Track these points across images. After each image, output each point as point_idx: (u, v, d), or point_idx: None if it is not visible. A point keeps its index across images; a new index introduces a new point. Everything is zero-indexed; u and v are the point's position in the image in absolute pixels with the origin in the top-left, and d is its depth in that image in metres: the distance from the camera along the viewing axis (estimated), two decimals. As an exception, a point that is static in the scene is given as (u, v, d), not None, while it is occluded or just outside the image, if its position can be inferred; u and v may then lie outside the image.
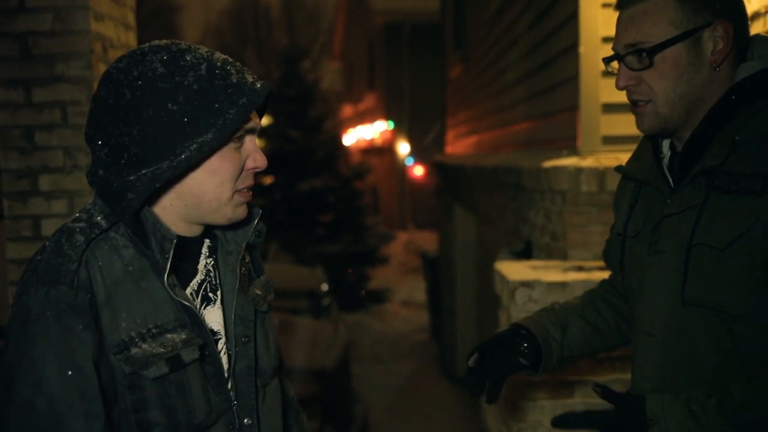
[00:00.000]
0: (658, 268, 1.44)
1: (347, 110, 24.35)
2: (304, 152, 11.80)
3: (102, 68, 2.89)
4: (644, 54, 1.38)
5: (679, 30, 1.36)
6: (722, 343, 1.35)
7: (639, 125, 1.46)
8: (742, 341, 1.34)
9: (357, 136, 22.16)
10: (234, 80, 1.22)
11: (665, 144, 1.52)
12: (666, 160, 1.51)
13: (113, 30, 3.01)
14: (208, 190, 1.25)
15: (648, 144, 1.54)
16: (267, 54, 23.44)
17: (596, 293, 1.79)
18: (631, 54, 1.40)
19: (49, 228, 2.84)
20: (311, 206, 11.64)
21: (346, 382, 5.27)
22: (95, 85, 2.78)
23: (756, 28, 2.64)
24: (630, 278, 1.56)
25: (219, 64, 1.23)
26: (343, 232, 11.90)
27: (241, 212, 1.32)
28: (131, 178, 1.19)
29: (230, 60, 1.27)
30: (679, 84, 1.38)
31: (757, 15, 2.68)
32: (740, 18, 1.40)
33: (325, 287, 7.78)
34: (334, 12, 25.05)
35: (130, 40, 3.18)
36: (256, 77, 1.28)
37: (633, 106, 1.46)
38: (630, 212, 1.56)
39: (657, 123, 1.42)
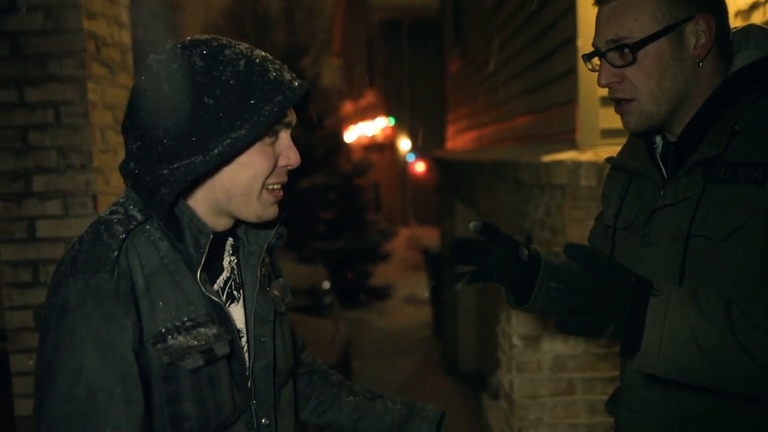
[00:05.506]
0: (650, 260, 1.42)
1: (348, 107, 24.32)
2: (304, 149, 11.71)
3: (95, 67, 2.87)
4: (627, 50, 1.34)
5: (661, 24, 1.33)
6: None
7: (625, 124, 1.44)
8: None
9: (358, 132, 22.13)
10: (272, 77, 1.22)
11: (657, 135, 1.50)
12: (659, 150, 1.48)
13: (106, 28, 2.98)
14: (240, 184, 1.25)
15: (640, 135, 1.51)
16: (267, 52, 23.37)
17: None
18: (612, 50, 1.37)
19: (43, 229, 2.83)
20: (312, 203, 11.62)
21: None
22: (88, 84, 2.80)
23: (755, 18, 2.61)
24: None
25: (258, 60, 1.23)
26: (345, 228, 11.89)
27: (272, 212, 1.31)
28: (164, 171, 1.18)
29: (270, 57, 1.26)
30: (663, 80, 1.35)
31: (756, 5, 2.65)
32: (721, 11, 1.38)
33: (326, 285, 7.76)
34: (333, 9, 25.01)
35: (124, 38, 3.16)
36: (294, 75, 1.27)
37: (617, 105, 1.43)
38: (620, 204, 1.54)
39: (643, 121, 1.40)
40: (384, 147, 20.34)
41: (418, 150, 18.03)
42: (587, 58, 1.45)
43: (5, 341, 2.89)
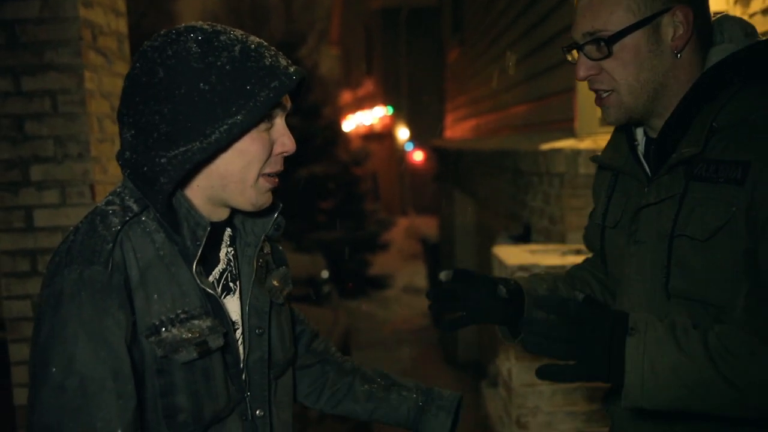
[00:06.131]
0: (638, 259, 1.41)
1: (346, 96, 24.28)
2: (302, 139, 11.74)
3: (92, 55, 2.85)
4: (602, 43, 1.34)
5: (638, 17, 1.32)
6: None
7: (605, 117, 1.43)
8: None
9: (356, 121, 22.10)
10: (267, 63, 1.21)
11: (639, 131, 1.48)
12: (641, 148, 1.47)
13: (103, 16, 2.96)
14: (235, 171, 1.24)
15: (621, 132, 1.51)
16: (264, 41, 23.30)
17: (581, 268, 1.76)
18: (589, 43, 1.36)
19: (41, 218, 2.82)
20: (311, 193, 11.60)
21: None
22: (85, 72, 2.78)
23: (755, 5, 2.60)
24: (612, 268, 1.54)
25: (253, 46, 1.22)
26: (343, 218, 11.87)
27: (266, 199, 1.30)
28: (162, 160, 1.18)
29: (265, 43, 1.26)
30: (640, 72, 1.35)
31: (756, -9, 2.63)
32: (700, 1, 1.36)
33: (325, 274, 7.77)
34: (331, -3, 24.91)
35: (121, 26, 3.14)
36: (289, 62, 1.26)
37: (597, 98, 1.42)
38: (608, 202, 1.53)
39: (622, 113, 1.39)
40: (382, 136, 20.31)
41: (416, 139, 18.00)
42: (566, 50, 1.44)
43: (4, 331, 2.89)
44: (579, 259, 2.82)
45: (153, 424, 1.20)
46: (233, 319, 1.32)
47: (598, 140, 3.35)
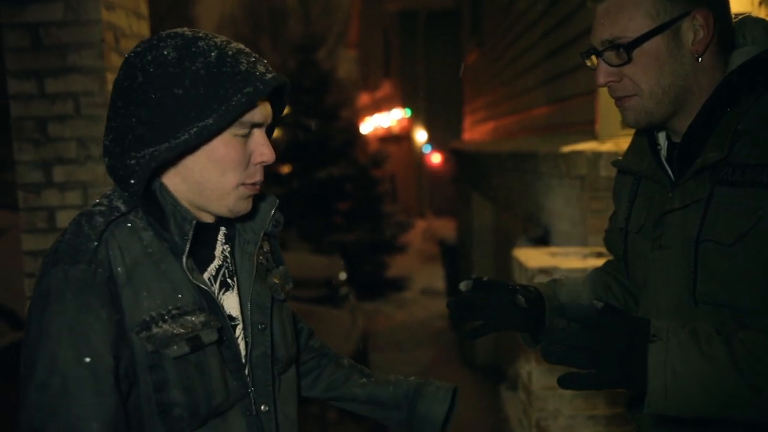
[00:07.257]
0: (663, 264, 1.40)
1: (364, 98, 24.31)
2: (320, 141, 11.78)
3: (114, 58, 2.88)
4: (622, 50, 1.33)
5: (657, 22, 1.31)
6: None
7: (624, 119, 1.42)
8: None
9: (374, 124, 22.13)
10: (243, 68, 1.23)
11: (661, 135, 1.47)
12: (664, 152, 1.46)
13: (125, 19, 2.99)
14: (211, 178, 1.26)
15: (643, 136, 1.49)
16: (282, 44, 23.45)
17: (603, 271, 1.74)
18: (609, 49, 1.35)
19: (63, 219, 2.84)
20: (329, 195, 11.63)
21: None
22: (107, 75, 2.80)
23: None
24: (635, 273, 1.52)
25: (231, 52, 1.24)
26: (361, 220, 11.88)
27: (244, 206, 1.32)
28: (132, 162, 1.21)
29: (245, 50, 1.27)
30: (661, 77, 1.33)
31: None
32: (720, 4, 1.35)
33: (343, 276, 7.77)
34: (349, 0, 24.96)
35: (143, 29, 3.16)
36: (269, 68, 1.27)
37: (617, 99, 1.41)
38: (630, 207, 1.52)
39: (643, 117, 1.38)
40: (400, 138, 20.32)
41: (434, 141, 17.98)
42: (585, 55, 1.43)
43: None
44: (600, 262, 2.79)
45: (148, 419, 1.21)
46: (232, 315, 1.33)
47: (619, 143, 3.32)
